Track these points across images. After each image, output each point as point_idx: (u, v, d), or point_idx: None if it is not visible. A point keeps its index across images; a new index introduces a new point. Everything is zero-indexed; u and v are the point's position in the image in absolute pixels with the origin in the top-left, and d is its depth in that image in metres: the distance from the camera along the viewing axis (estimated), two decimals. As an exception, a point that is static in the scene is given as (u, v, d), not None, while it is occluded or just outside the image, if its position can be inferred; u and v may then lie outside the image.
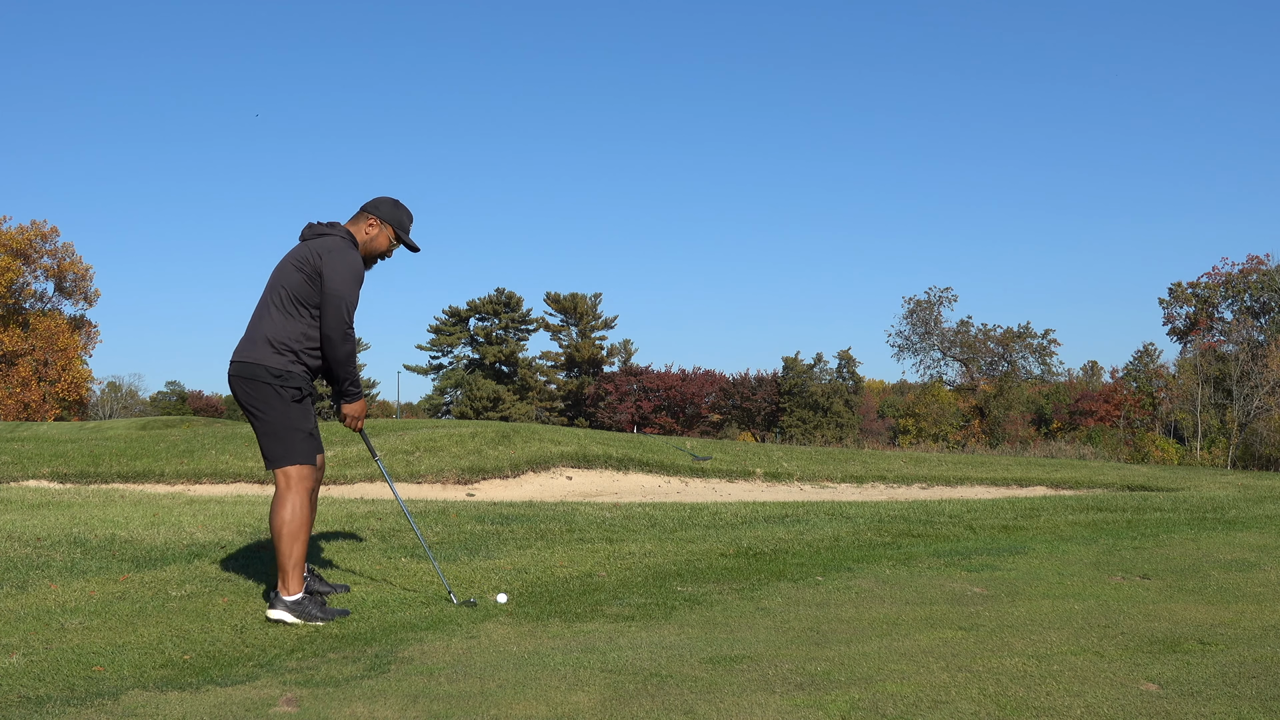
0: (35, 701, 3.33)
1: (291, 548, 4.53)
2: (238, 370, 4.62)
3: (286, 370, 4.57)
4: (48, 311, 56.38)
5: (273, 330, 4.59)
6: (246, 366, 4.60)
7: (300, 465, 4.60)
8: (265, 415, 4.59)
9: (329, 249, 4.63)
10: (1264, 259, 52.63)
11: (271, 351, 4.57)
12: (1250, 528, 7.62)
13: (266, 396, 4.58)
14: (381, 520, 7.27)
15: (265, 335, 4.60)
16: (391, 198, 4.90)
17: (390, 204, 4.87)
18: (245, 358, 4.61)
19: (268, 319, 4.62)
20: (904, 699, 3.27)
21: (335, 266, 4.58)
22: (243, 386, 4.61)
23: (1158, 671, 3.59)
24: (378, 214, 4.82)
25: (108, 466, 14.12)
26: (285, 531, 4.53)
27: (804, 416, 60.08)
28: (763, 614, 4.56)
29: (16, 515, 7.42)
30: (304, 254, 4.64)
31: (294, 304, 4.59)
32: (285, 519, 4.54)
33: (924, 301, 58.85)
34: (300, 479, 4.59)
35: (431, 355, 73.13)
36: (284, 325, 4.59)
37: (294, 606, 4.49)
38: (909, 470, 17.41)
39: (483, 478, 14.19)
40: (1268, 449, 41.97)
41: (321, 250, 4.62)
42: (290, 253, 4.72)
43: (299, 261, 4.63)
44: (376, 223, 4.81)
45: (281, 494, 4.59)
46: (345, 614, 4.57)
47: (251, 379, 4.58)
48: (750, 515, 8.20)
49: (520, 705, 3.24)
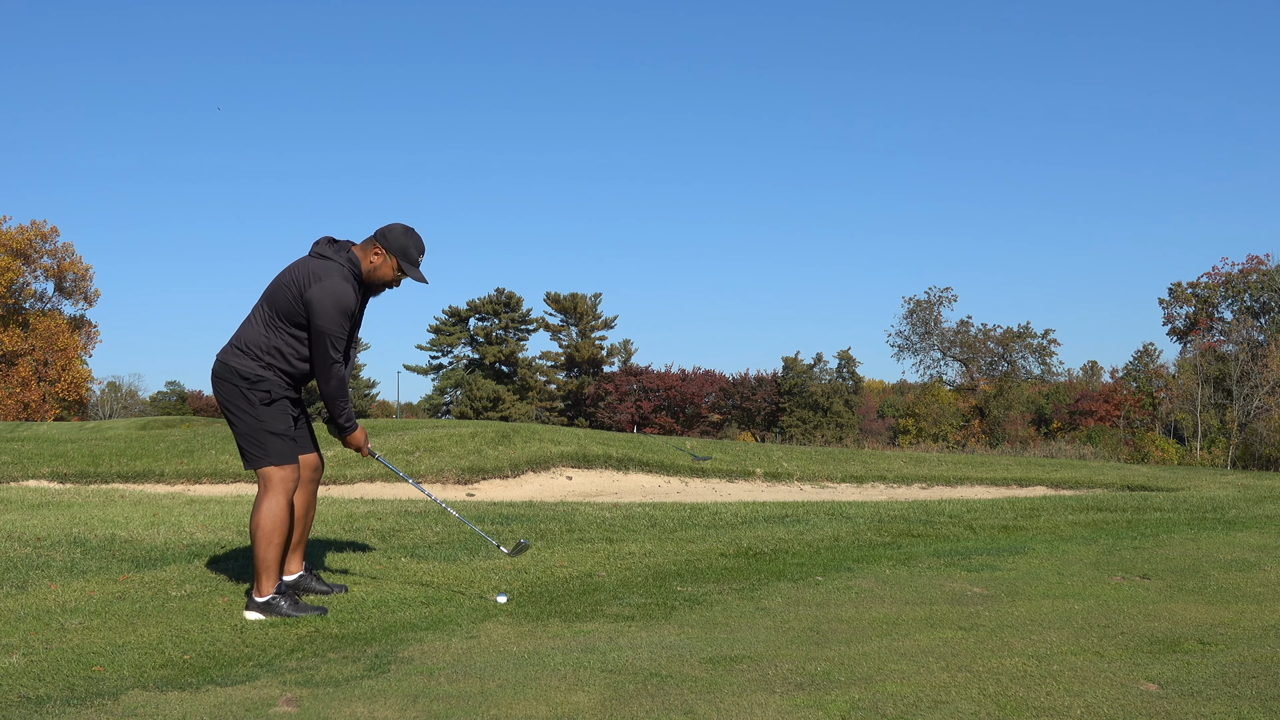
0: (35, 701, 3.33)
1: (265, 550, 4.54)
2: (215, 370, 4.70)
3: (257, 375, 4.59)
4: (48, 311, 56.37)
5: (251, 338, 4.64)
6: (222, 367, 4.66)
7: (277, 466, 4.59)
8: (237, 416, 4.62)
9: (320, 276, 4.57)
10: (1264, 259, 52.69)
11: (245, 357, 4.62)
12: (1250, 528, 7.62)
13: (235, 398, 4.61)
14: (381, 520, 7.27)
15: (244, 341, 4.65)
16: (404, 226, 4.77)
17: (400, 233, 4.74)
18: (221, 358, 4.68)
19: (250, 327, 4.68)
20: (904, 699, 3.27)
21: (321, 299, 4.53)
22: (217, 386, 4.69)
23: (1158, 671, 3.59)
24: (385, 243, 4.72)
25: (108, 466, 14.12)
26: (259, 534, 4.54)
27: (804, 416, 60.08)
28: (763, 614, 4.56)
29: (16, 515, 7.42)
30: (299, 274, 4.62)
31: (276, 318, 4.61)
32: (259, 520, 4.55)
33: (924, 301, 58.91)
34: (279, 480, 4.58)
35: (431, 355, 73.15)
36: (262, 336, 4.62)
37: (263, 606, 4.53)
38: (909, 470, 17.41)
39: (483, 478, 14.20)
40: (1268, 449, 41.97)
41: (313, 276, 4.58)
42: (290, 266, 4.72)
43: (291, 280, 4.62)
44: (382, 252, 4.72)
45: (259, 495, 4.61)
46: (322, 611, 4.56)
47: (224, 379, 4.64)
48: (750, 515, 8.20)
49: (520, 705, 3.24)
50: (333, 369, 4.59)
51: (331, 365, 4.58)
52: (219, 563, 5.63)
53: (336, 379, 4.61)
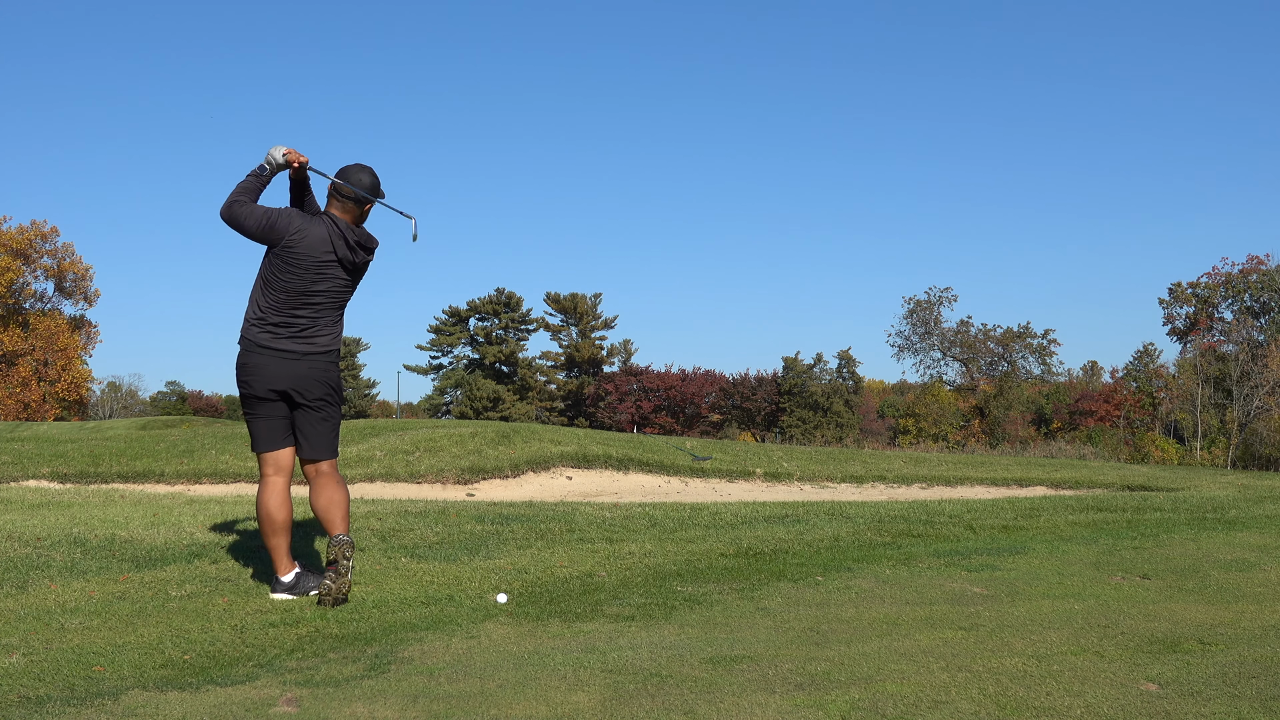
0: (35, 701, 3.33)
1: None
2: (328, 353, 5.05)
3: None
4: (48, 311, 56.34)
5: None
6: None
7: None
8: (338, 405, 5.04)
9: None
10: (1264, 259, 52.65)
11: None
12: (1250, 528, 7.61)
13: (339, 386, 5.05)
14: (381, 520, 7.27)
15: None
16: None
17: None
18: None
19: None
20: (904, 699, 3.27)
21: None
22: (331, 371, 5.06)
23: (1158, 671, 3.59)
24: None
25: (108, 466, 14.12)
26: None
27: (804, 416, 60.07)
28: (763, 614, 4.56)
29: (16, 515, 7.42)
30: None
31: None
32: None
33: (924, 301, 58.88)
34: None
35: (431, 355, 73.16)
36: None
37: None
38: (909, 470, 17.41)
39: (483, 478, 14.19)
40: (1268, 449, 41.95)
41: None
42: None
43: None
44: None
45: (338, 479, 4.92)
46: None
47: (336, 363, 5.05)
48: (750, 515, 8.20)
49: (520, 705, 3.24)
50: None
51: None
52: (219, 563, 5.62)
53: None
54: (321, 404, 4.84)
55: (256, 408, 4.85)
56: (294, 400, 4.83)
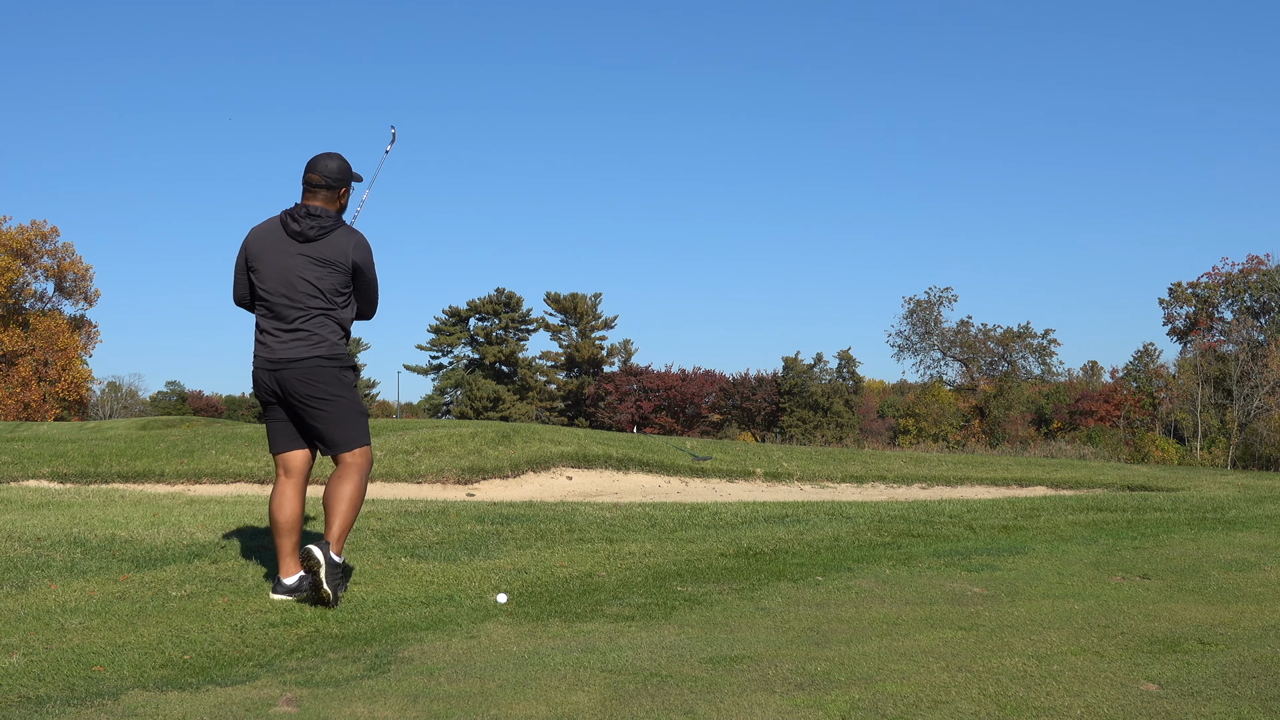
0: (35, 701, 3.33)
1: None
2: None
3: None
4: (48, 311, 56.34)
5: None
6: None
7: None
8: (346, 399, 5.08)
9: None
10: (1264, 259, 52.63)
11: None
12: (1250, 528, 7.61)
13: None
14: (381, 520, 7.27)
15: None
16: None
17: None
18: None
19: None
20: (904, 699, 3.27)
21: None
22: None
23: (1158, 671, 3.59)
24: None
25: (108, 466, 14.12)
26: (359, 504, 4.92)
27: (804, 416, 60.07)
28: (763, 614, 4.56)
29: (16, 515, 7.42)
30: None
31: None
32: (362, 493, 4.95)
33: (924, 301, 58.88)
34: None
35: (431, 355, 73.17)
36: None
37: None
38: (909, 470, 17.40)
39: (483, 478, 14.19)
40: (1268, 449, 41.95)
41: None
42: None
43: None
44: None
45: (360, 473, 4.94)
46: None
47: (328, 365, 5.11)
48: (750, 515, 8.20)
49: (520, 705, 3.24)
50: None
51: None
52: (219, 563, 5.62)
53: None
54: (316, 401, 4.83)
55: (265, 412, 5.02)
56: (288, 403, 4.86)
